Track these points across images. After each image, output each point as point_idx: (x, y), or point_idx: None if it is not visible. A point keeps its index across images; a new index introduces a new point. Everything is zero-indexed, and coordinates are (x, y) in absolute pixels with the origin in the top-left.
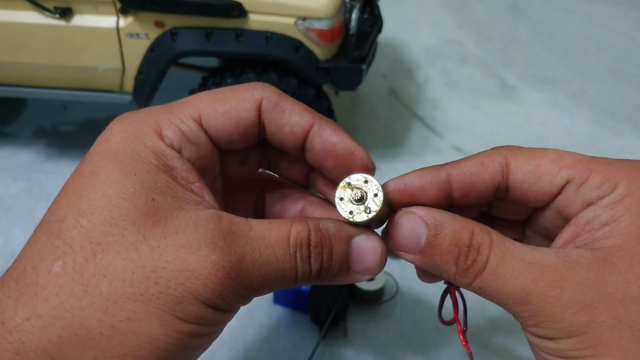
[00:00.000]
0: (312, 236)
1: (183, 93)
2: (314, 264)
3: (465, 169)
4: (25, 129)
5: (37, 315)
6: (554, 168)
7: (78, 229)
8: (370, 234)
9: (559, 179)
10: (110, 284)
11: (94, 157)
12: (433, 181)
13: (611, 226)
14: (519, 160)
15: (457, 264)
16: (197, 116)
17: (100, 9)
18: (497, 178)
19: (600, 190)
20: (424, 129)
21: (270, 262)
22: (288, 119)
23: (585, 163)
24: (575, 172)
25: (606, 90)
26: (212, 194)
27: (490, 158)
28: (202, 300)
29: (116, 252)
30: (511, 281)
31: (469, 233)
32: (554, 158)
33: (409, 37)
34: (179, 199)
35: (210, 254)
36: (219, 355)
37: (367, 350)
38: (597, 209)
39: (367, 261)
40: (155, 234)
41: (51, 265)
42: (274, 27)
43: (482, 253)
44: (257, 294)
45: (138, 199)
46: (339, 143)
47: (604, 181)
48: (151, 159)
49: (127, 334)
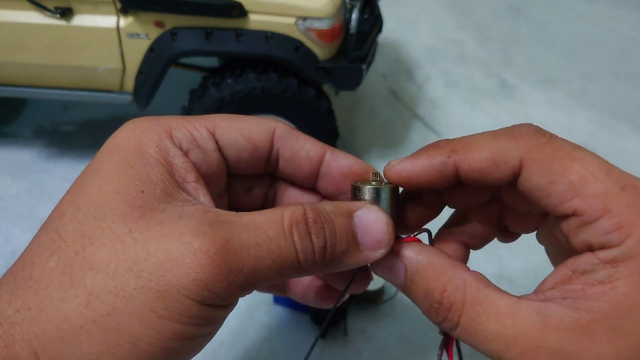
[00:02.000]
0: (309, 213)
1: (183, 93)
2: (316, 240)
3: (475, 165)
4: (25, 129)
5: (26, 307)
6: (566, 194)
7: (74, 223)
8: (371, 206)
9: (566, 207)
10: (95, 277)
11: (100, 154)
12: (439, 175)
13: (605, 287)
14: (534, 169)
15: (430, 314)
16: (211, 127)
17: (100, 9)
18: (507, 179)
19: (606, 238)
20: (424, 129)
21: (262, 242)
22: (303, 145)
23: (606, 199)
24: (587, 206)
25: (606, 90)
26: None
27: (503, 156)
28: (186, 294)
29: (103, 245)
30: (484, 344)
31: (441, 290)
32: (573, 181)
33: (409, 37)
34: (169, 194)
35: (192, 240)
36: (219, 355)
37: (367, 350)
38: (597, 264)
39: (375, 233)
40: (140, 226)
41: (47, 260)
42: (274, 27)
43: (453, 312)
44: (254, 283)
45: (128, 191)
46: (355, 164)
47: (615, 229)
48: (152, 152)
49: (107, 331)
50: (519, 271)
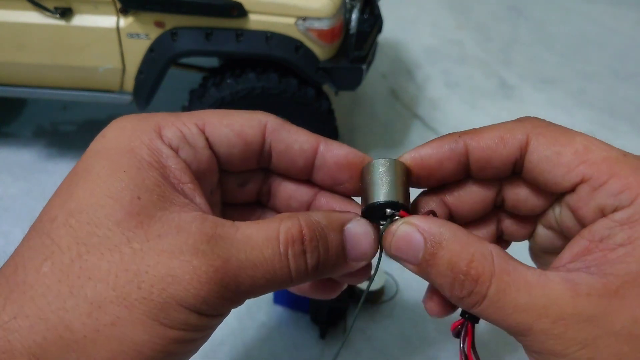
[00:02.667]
0: (305, 230)
1: (183, 93)
2: (310, 259)
3: (483, 143)
4: (25, 129)
5: (24, 315)
6: (573, 162)
7: (67, 228)
8: (359, 218)
9: (574, 175)
10: (95, 287)
11: (88, 154)
12: (450, 154)
13: (627, 249)
14: (540, 142)
15: (452, 290)
16: (202, 124)
17: (100, 9)
18: (515, 155)
19: (617, 199)
20: (424, 129)
21: (258, 264)
22: (296, 137)
23: (610, 163)
24: (594, 171)
25: (606, 90)
26: (210, 205)
27: (511, 133)
28: (185, 306)
29: (101, 254)
30: (513, 316)
31: (468, 260)
32: (578, 149)
33: (409, 37)
34: (166, 198)
35: (192, 259)
36: (219, 355)
37: (367, 350)
38: (613, 227)
39: (362, 246)
40: (138, 236)
41: (40, 265)
42: (274, 27)
43: (481, 284)
44: (248, 297)
45: (123, 197)
46: (350, 153)
47: (624, 189)
48: (144, 155)
49: (111, 339)
50: None
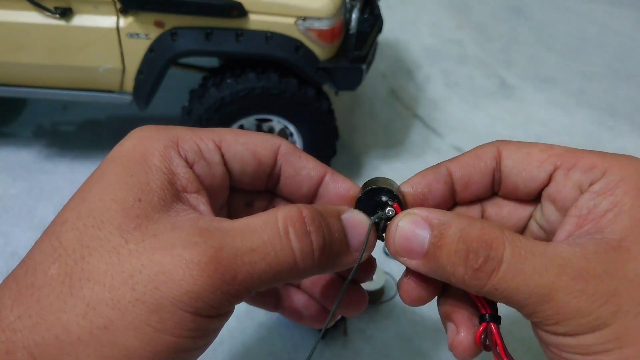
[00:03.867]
0: (305, 212)
1: (183, 93)
2: (315, 238)
3: (462, 162)
4: (25, 129)
5: (28, 315)
6: (543, 156)
7: (74, 231)
8: (354, 209)
9: (548, 164)
10: (92, 289)
11: (105, 161)
12: (436, 177)
13: (614, 212)
14: (510, 149)
15: (467, 264)
16: (218, 140)
17: (100, 9)
18: (492, 165)
19: (591, 174)
20: (424, 129)
21: (257, 247)
22: (305, 164)
23: (573, 152)
24: (563, 159)
25: (606, 90)
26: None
27: (483, 149)
28: (179, 306)
29: (100, 255)
30: (534, 278)
31: (479, 228)
32: (542, 148)
33: (409, 37)
34: (168, 203)
35: (183, 252)
36: (219, 355)
37: (367, 350)
38: (595, 197)
39: (362, 234)
40: (135, 237)
41: (49, 268)
42: (274, 27)
43: (495, 249)
44: (250, 290)
45: (126, 200)
46: (352, 188)
47: (593, 167)
48: (155, 161)
49: (103, 343)
50: None
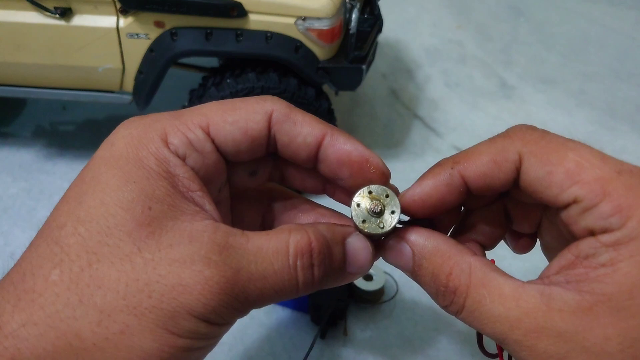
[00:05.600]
0: (314, 243)
1: (183, 93)
2: (317, 271)
3: (479, 170)
4: (25, 129)
5: (33, 323)
6: (566, 182)
7: (76, 237)
8: (358, 233)
9: (566, 196)
10: (105, 296)
11: (97, 162)
12: (450, 190)
13: (607, 270)
14: (532, 162)
15: (437, 300)
16: (205, 124)
17: (100, 9)
18: (512, 175)
19: (607, 222)
20: (424, 129)
21: (268, 276)
22: (300, 130)
23: (604, 183)
24: (587, 192)
25: (606, 90)
26: (218, 203)
27: (503, 154)
28: (195, 315)
29: (111, 263)
30: (489, 325)
31: (447, 273)
32: (570, 168)
33: (409, 37)
34: (177, 208)
35: (204, 269)
36: (219, 355)
37: (367, 350)
38: (599, 247)
39: (361, 260)
40: (149, 246)
41: (49, 273)
42: (274, 27)
43: (458, 295)
44: (254, 307)
45: (135, 207)
46: (353, 151)
47: (616, 212)
48: (153, 165)
49: (120, 347)
50: (519, 271)
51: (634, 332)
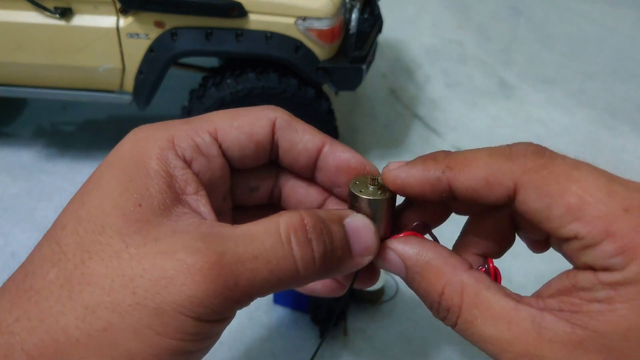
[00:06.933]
0: (307, 219)
1: (183, 93)
2: (317, 246)
3: (469, 184)
4: (25, 129)
5: (26, 318)
6: (566, 218)
7: (74, 236)
8: (358, 213)
9: (566, 231)
10: (92, 292)
11: (103, 165)
12: (433, 190)
13: (602, 307)
14: (530, 193)
15: (432, 311)
16: (213, 130)
17: (100, 9)
18: (503, 200)
19: (609, 262)
20: (424, 129)
21: (259, 254)
22: (301, 137)
23: (608, 222)
24: (588, 230)
25: (606, 90)
26: (220, 213)
27: (497, 177)
28: (181, 311)
29: (101, 259)
30: (480, 344)
31: (439, 292)
32: (572, 203)
33: (409, 37)
34: (167, 207)
35: (186, 257)
36: (218, 355)
37: (367, 350)
38: (597, 284)
39: (364, 239)
40: (136, 241)
41: (47, 272)
42: (274, 27)
43: (451, 314)
44: (252, 296)
45: (126, 205)
46: (352, 158)
47: (618, 253)
48: (153, 164)
49: (103, 345)
50: (519, 271)
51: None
